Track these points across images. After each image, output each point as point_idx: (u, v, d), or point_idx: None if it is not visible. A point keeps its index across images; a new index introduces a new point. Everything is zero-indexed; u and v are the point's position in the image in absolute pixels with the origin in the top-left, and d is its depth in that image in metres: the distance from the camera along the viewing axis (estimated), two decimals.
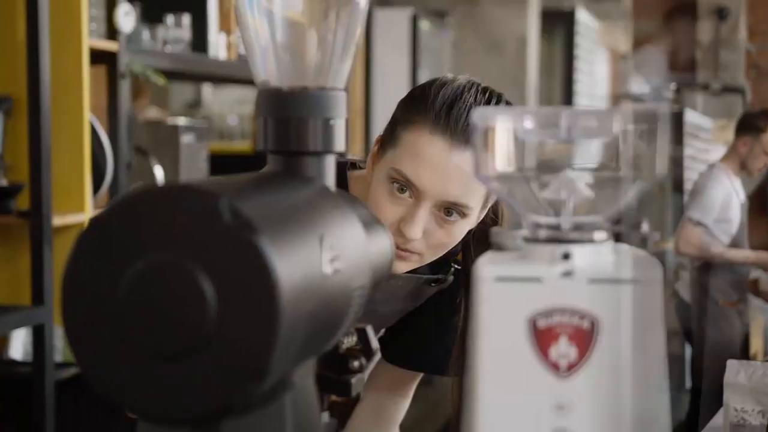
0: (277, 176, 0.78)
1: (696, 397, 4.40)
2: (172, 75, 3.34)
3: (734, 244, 4.50)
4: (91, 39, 2.63)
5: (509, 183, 0.72)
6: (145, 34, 3.08)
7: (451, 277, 1.46)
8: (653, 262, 0.70)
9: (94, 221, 0.63)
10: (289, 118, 0.80)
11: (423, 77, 6.77)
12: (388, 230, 0.88)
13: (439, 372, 1.51)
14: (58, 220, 2.51)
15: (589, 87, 8.60)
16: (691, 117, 7.52)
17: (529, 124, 0.70)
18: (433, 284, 1.45)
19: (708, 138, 8.01)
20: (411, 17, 6.44)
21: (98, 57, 2.72)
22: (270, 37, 0.83)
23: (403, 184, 1.27)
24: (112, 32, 2.76)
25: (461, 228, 1.30)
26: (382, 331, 1.52)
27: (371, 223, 0.85)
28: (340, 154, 0.84)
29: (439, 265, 1.43)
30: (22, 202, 2.50)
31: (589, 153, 0.71)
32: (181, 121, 3.29)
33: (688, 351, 4.92)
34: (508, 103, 1.35)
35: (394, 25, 6.19)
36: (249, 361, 0.60)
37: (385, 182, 1.28)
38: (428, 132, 1.26)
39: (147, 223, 0.62)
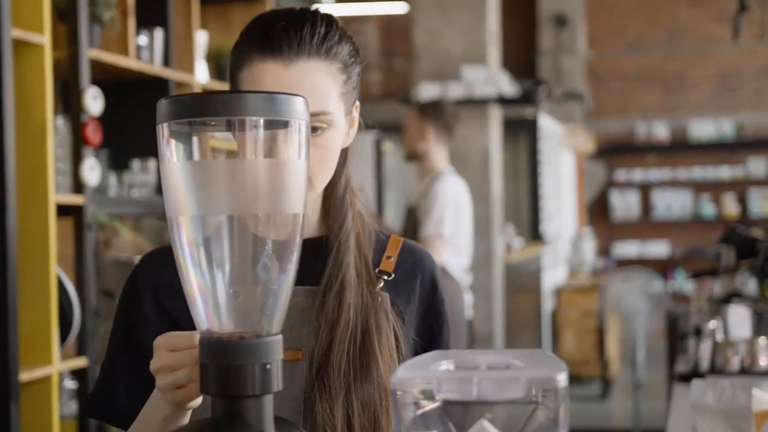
0: (213, 426, 0.84)
1: None
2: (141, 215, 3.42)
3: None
4: (57, 194, 2.70)
5: None
6: (113, 180, 3.16)
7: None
8: None
9: None
10: (229, 365, 0.87)
11: (388, 195, 6.94)
12: None
13: None
14: (25, 375, 2.53)
15: (555, 188, 8.76)
16: (545, 122, 7.74)
17: (444, 387, 0.77)
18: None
19: (560, 142, 8.37)
20: (375, 141, 6.61)
21: (65, 209, 2.79)
22: (210, 288, 0.90)
23: None
24: (78, 185, 2.83)
25: (331, 139, 1.26)
26: None
27: None
28: None
29: None
30: None
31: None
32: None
33: None
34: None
35: (358, 148, 6.26)
36: None
37: None
38: (259, 60, 1.21)
39: None
